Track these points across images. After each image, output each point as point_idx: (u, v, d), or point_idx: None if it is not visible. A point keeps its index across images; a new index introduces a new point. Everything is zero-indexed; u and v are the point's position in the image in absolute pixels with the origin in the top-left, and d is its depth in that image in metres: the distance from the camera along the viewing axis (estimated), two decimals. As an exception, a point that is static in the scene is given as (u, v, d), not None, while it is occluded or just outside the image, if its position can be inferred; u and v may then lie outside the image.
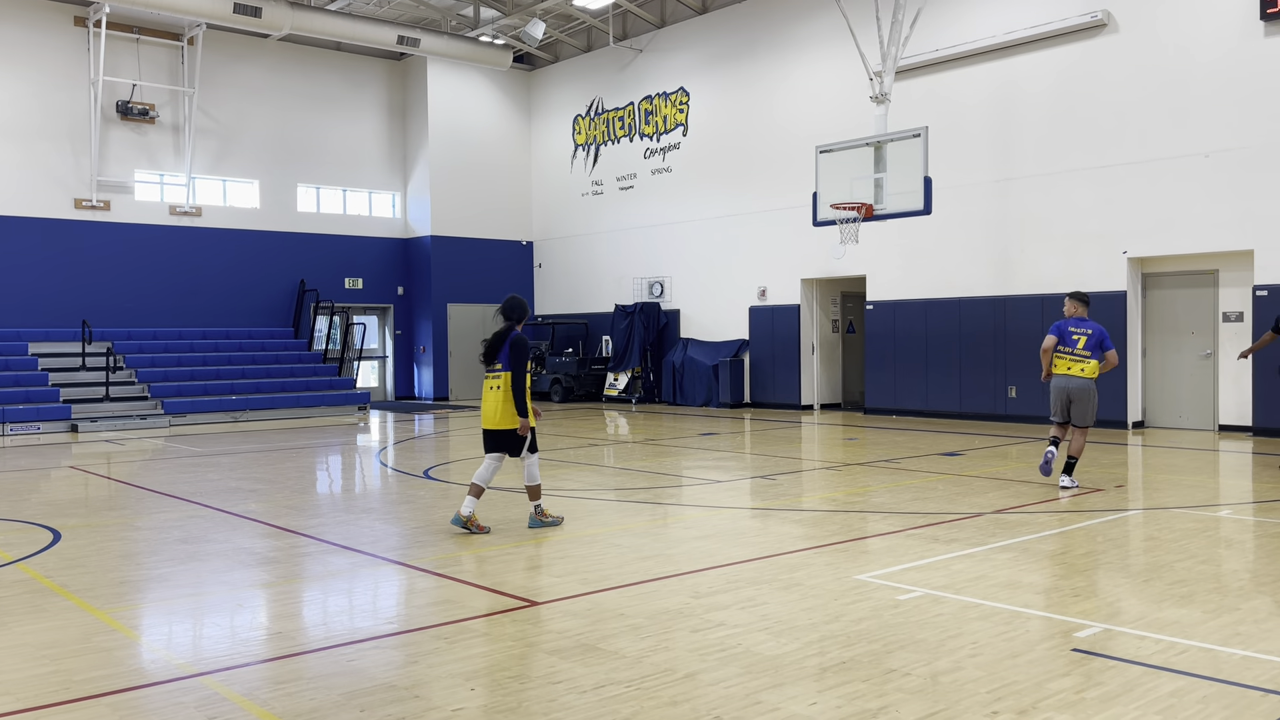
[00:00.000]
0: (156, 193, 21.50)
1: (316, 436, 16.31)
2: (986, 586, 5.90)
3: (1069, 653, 4.66)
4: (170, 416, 18.54)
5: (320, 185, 23.71)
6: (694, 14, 21.53)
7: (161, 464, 13.00)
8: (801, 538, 7.50)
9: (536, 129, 25.65)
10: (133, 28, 20.87)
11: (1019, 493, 9.35)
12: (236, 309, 22.31)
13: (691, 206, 21.66)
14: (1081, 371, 9.36)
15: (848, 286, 19.89)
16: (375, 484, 11.35)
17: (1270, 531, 7.55)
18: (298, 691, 4.32)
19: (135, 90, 20.91)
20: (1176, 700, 4.05)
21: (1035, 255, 16.07)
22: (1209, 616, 5.23)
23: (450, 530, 7.93)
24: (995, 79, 16.47)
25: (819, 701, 4.10)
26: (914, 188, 14.05)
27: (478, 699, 4.20)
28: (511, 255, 25.53)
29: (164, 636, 5.30)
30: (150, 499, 9.87)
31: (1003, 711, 3.96)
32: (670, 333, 22.16)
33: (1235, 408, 14.20)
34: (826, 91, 18.82)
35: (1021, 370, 16.19)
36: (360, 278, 24.18)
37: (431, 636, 5.10)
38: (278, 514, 8.87)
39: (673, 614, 5.42)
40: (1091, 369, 9.32)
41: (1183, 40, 14.39)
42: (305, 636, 5.23)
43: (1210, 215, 14.17)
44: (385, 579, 6.54)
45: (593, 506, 9.08)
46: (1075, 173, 15.56)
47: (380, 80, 24.49)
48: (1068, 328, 9.52)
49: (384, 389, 25.14)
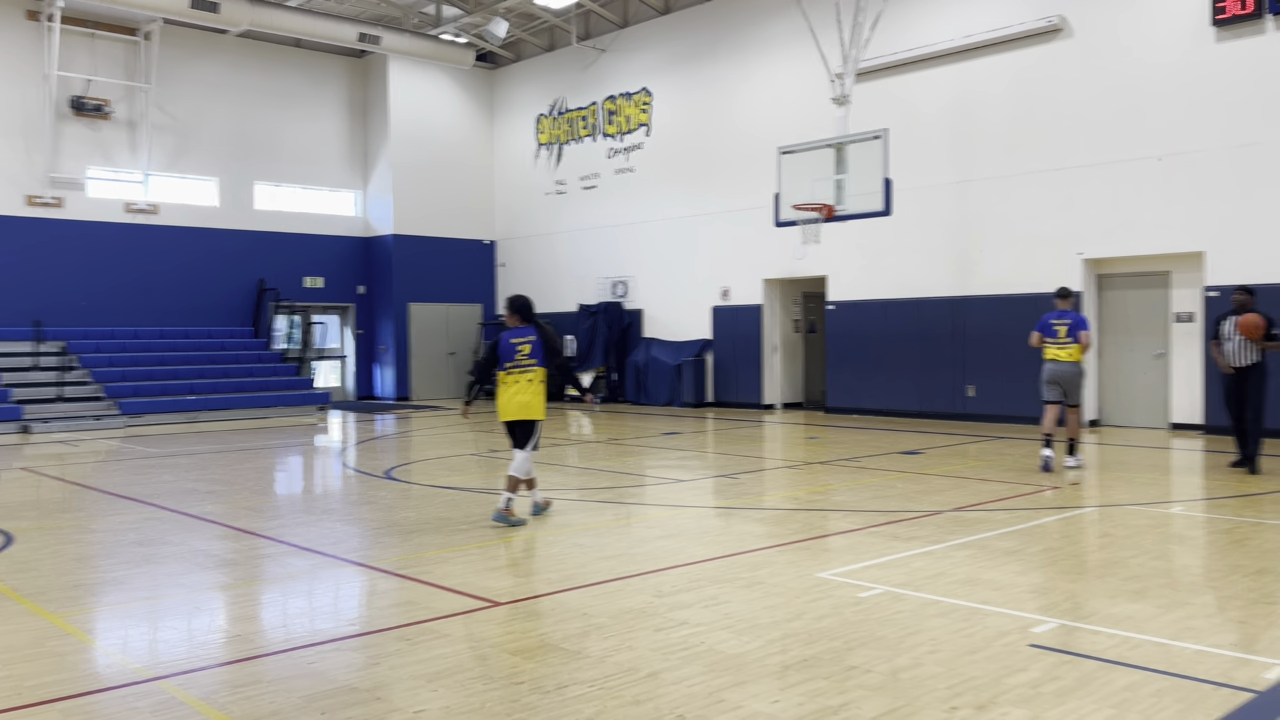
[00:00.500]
0: (111, 190, 21.13)
1: (276, 437, 16.13)
2: (945, 583, 5.97)
3: (1026, 648, 4.73)
4: (126, 417, 18.24)
5: (280, 183, 23.44)
6: (656, 14, 21.56)
7: (117, 465, 12.79)
8: (764, 536, 7.54)
9: (499, 128, 25.55)
10: (87, 22, 20.50)
11: (977, 491, 9.48)
12: (194, 308, 21.99)
13: (655, 206, 21.69)
14: (1068, 356, 10.67)
15: (809, 287, 20.02)
16: (336, 485, 11.24)
17: (1220, 528, 7.72)
18: (257, 695, 4.28)
19: (90, 86, 20.55)
20: (1131, 694, 4.13)
21: (993, 256, 16.28)
22: (1162, 611, 5.34)
23: (411, 530, 7.88)
24: (954, 82, 16.67)
25: (781, 699, 4.13)
26: (874, 189, 14.17)
27: (440, 700, 4.18)
28: (474, 254, 25.41)
29: (119, 640, 5.22)
30: (105, 501, 9.71)
31: (962, 707, 4.02)
32: (634, 332, 22.17)
33: (1187, 406, 14.48)
34: (788, 93, 18.93)
35: (980, 370, 16.40)
36: (320, 277, 23.93)
37: (393, 638, 5.07)
38: (236, 516, 8.76)
39: (636, 613, 5.43)
40: (1075, 353, 10.65)
41: (1136, 45, 14.65)
42: (264, 639, 5.17)
43: (1163, 217, 14.44)
44: (346, 580, 6.49)
45: (556, 506, 9.06)
46: (1032, 175, 15.78)
47: (341, 78, 24.26)
48: (1049, 320, 10.84)
49: (344, 389, 24.91)
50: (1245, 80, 13.64)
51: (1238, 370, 10.35)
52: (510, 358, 8.18)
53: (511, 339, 8.21)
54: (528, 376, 8.15)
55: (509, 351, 8.20)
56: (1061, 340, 10.64)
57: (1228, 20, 13.66)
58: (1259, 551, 6.74)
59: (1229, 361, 10.39)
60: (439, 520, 8.34)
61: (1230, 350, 10.41)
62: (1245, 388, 10.33)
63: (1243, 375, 10.36)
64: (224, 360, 21.08)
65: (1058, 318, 10.76)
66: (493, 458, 12.86)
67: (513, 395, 8.18)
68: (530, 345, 8.16)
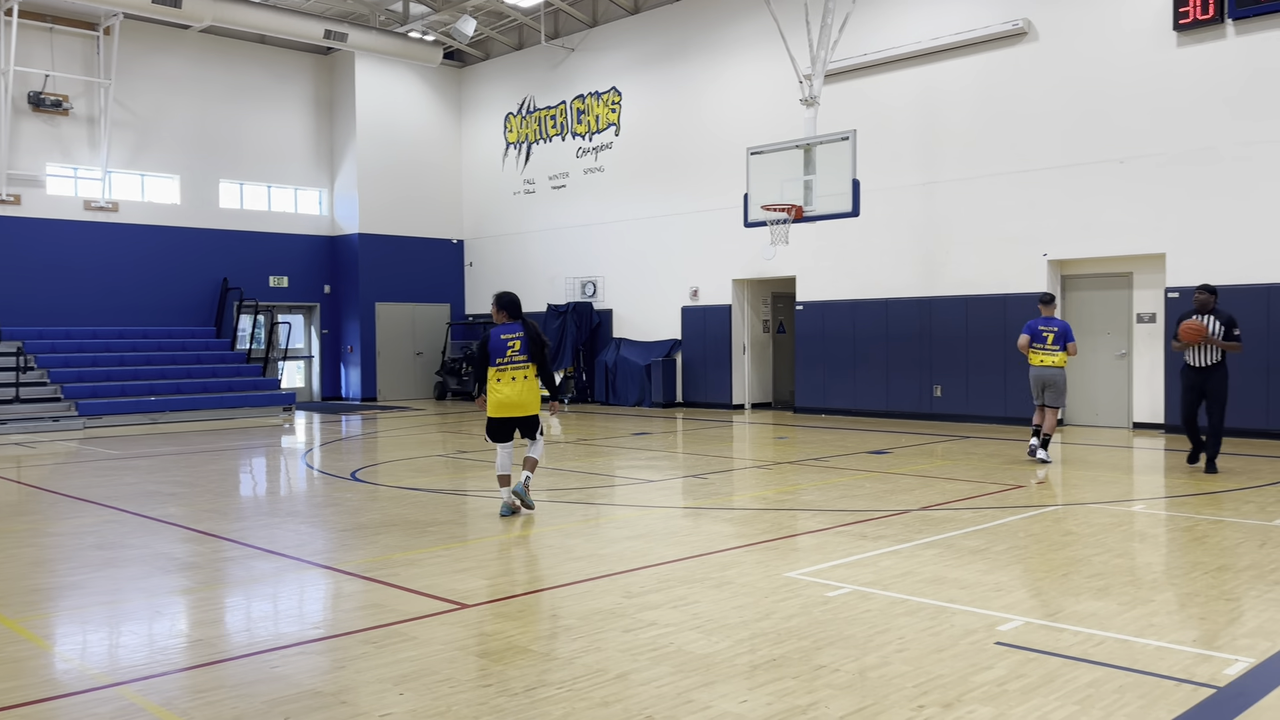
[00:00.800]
0: (70, 187, 20.79)
1: (240, 438, 15.94)
2: (913, 582, 6.00)
3: (992, 646, 4.77)
4: (85, 418, 17.94)
5: (244, 181, 23.17)
6: (626, 14, 21.54)
7: (76, 467, 12.57)
8: (732, 536, 7.55)
9: (467, 127, 25.42)
10: (46, 17, 20.15)
11: (944, 490, 9.55)
12: (156, 308, 21.67)
13: (624, 206, 21.68)
14: (1053, 362, 11.31)
15: (778, 287, 20.10)
16: (301, 487, 11.12)
17: (1181, 526, 7.83)
18: (219, 700, 4.21)
19: (48, 81, 20.20)
20: (1094, 690, 4.17)
21: (959, 257, 16.42)
22: (1124, 608, 5.40)
23: (378, 532, 7.82)
24: (921, 84, 16.79)
25: (749, 699, 4.12)
26: (843, 190, 14.26)
27: (406, 703, 4.13)
28: (442, 254, 25.26)
29: (78, 646, 5.12)
30: (64, 503, 9.54)
31: (928, 705, 4.03)
32: (603, 332, 22.14)
33: (1148, 406, 14.68)
34: (757, 93, 18.99)
35: (947, 370, 16.54)
36: (285, 276, 23.69)
37: (359, 641, 5.01)
38: (199, 518, 8.64)
39: (604, 614, 5.41)
40: (1060, 359, 11.30)
41: (1099, 49, 14.83)
42: (227, 643, 5.10)
43: (1125, 219, 14.63)
44: (311, 583, 6.42)
45: (523, 512, 9.01)
46: (998, 177, 15.94)
47: (307, 75, 24.02)
48: (1038, 326, 11.43)
49: (310, 389, 24.67)
50: (1205, 84, 13.85)
51: (1200, 370, 10.35)
52: (502, 354, 8.24)
53: (502, 335, 8.26)
54: (522, 373, 8.28)
55: (500, 348, 8.25)
56: (1049, 347, 11.29)
57: (1189, 25, 13.86)
58: (1218, 549, 6.84)
59: (1190, 360, 10.41)
60: (406, 522, 8.27)
61: (1191, 351, 10.42)
62: (1207, 387, 10.34)
63: (1205, 375, 10.36)
64: (186, 360, 20.80)
65: (1045, 324, 11.37)
66: (460, 459, 12.79)
67: (508, 392, 8.28)
68: (520, 341, 8.23)
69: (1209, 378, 10.33)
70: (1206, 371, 10.34)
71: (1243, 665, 4.46)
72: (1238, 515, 8.06)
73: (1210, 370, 10.33)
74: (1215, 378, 10.31)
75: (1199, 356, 10.32)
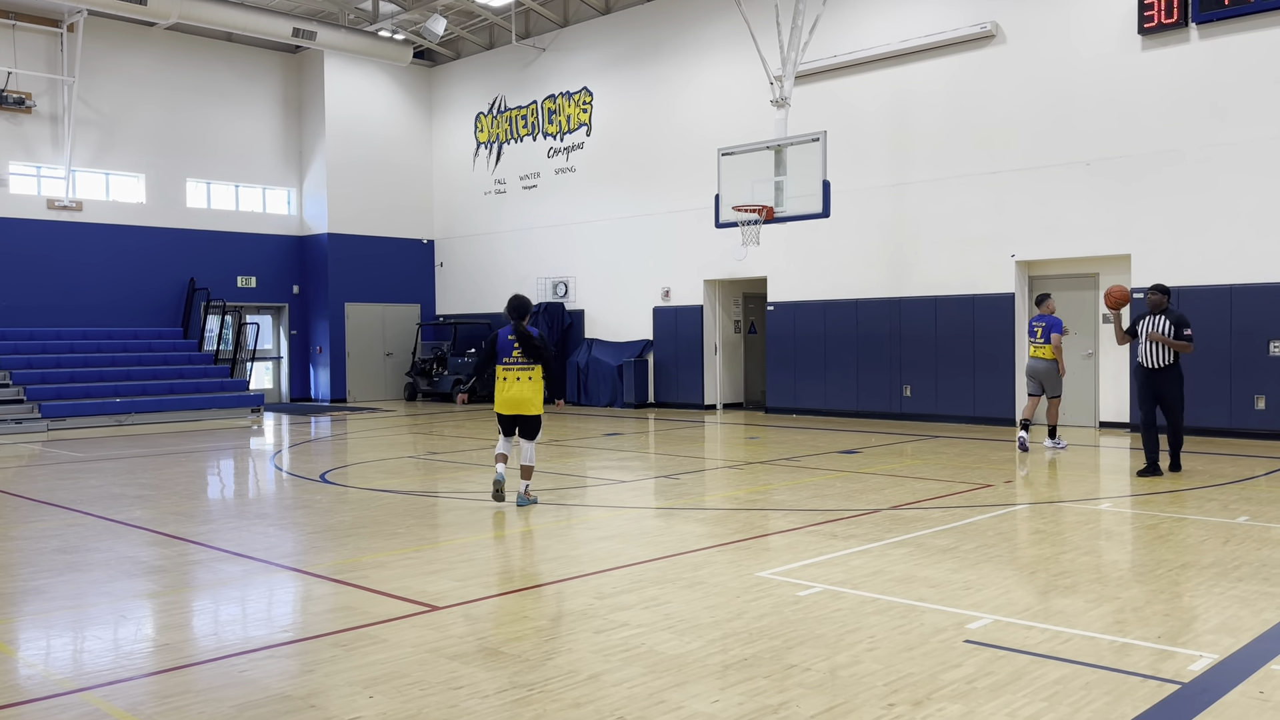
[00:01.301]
0: (33, 185, 20.47)
1: (207, 440, 15.76)
2: (883, 581, 6.04)
3: (962, 644, 4.80)
4: (48, 420, 17.67)
5: (211, 180, 22.92)
6: (597, 14, 21.53)
7: (38, 470, 12.38)
8: (704, 536, 7.56)
9: (438, 126, 25.30)
10: (8, 13, 19.83)
11: (914, 489, 9.62)
12: (121, 308, 21.39)
13: (595, 207, 21.66)
14: (1041, 355, 12.44)
15: (749, 288, 20.16)
16: (269, 488, 11.02)
17: (1146, 524, 7.93)
18: (186, 705, 4.16)
19: (10, 79, 19.88)
20: (1062, 687, 4.21)
21: (928, 258, 16.55)
22: (1091, 606, 5.46)
23: (348, 534, 7.76)
24: (891, 86, 16.91)
25: (721, 699, 4.13)
26: (813, 191, 14.33)
27: (376, 706, 4.10)
28: (412, 254, 25.12)
29: (41, 651, 5.04)
30: (26, 507, 9.39)
31: (899, 703, 4.06)
32: (575, 333, 22.11)
33: (1114, 405, 14.86)
34: (728, 94, 19.04)
35: (916, 370, 16.66)
36: (254, 276, 23.46)
37: (329, 644, 4.97)
38: (165, 521, 8.53)
39: (576, 615, 5.40)
40: (1047, 351, 12.38)
41: (1066, 52, 15.00)
42: (194, 648, 5.04)
43: (1092, 221, 14.81)
44: (280, 586, 6.35)
45: (495, 508, 8.98)
46: (966, 178, 16.07)
47: (275, 73, 23.80)
48: (1032, 323, 12.61)
49: (279, 391, 24.45)
50: (1170, 88, 14.05)
51: (1152, 371, 10.10)
52: (508, 354, 8.69)
53: (509, 335, 8.68)
54: (527, 373, 8.69)
55: (506, 348, 8.70)
56: (1038, 341, 12.46)
57: (1154, 29, 14.05)
58: (1182, 546, 6.93)
59: (1142, 361, 10.14)
60: (376, 524, 8.22)
61: (1144, 352, 10.18)
62: (1161, 390, 10.11)
63: (1157, 377, 10.11)
64: (152, 362, 20.54)
65: (1037, 320, 12.55)
66: (430, 460, 12.72)
67: (510, 390, 8.70)
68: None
69: (1162, 380, 10.09)
70: (1159, 373, 10.09)
71: (1207, 661, 4.52)
72: (1201, 513, 8.18)
73: (1163, 372, 10.07)
74: (1168, 380, 10.07)
75: (1151, 357, 10.06)
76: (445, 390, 23.36)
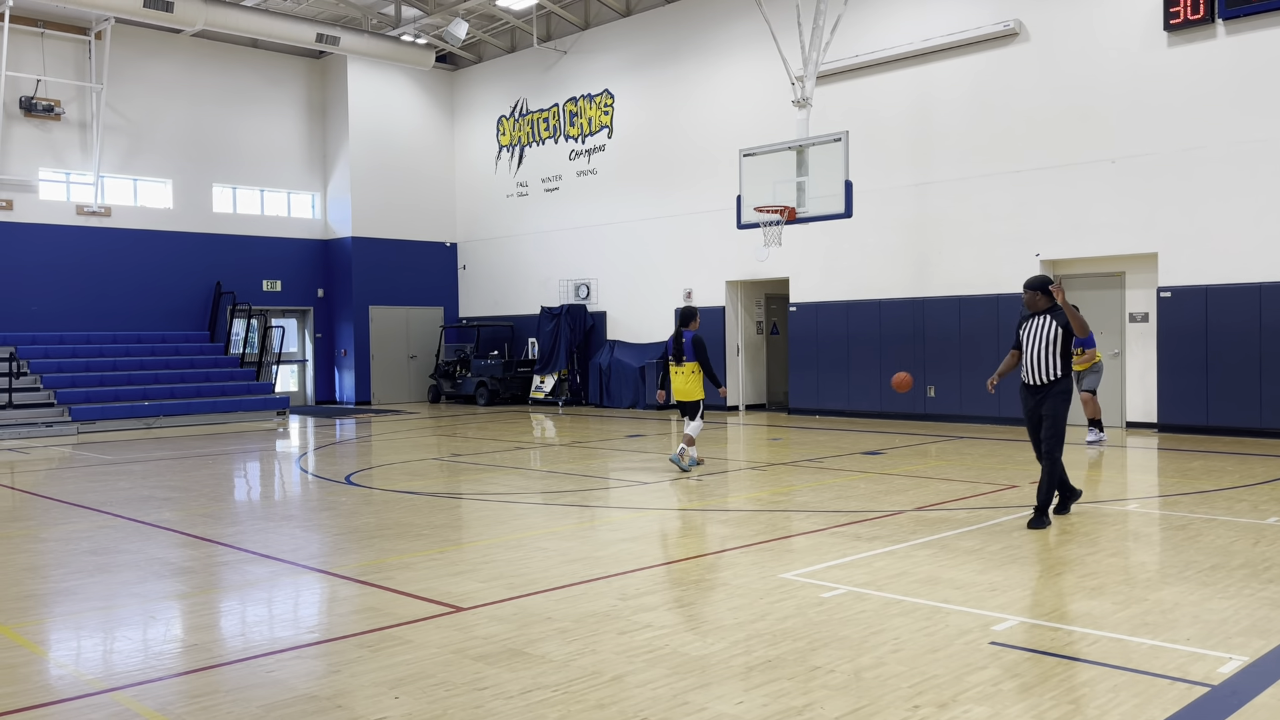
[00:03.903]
0: (62, 192, 20.74)
1: (234, 442, 15.91)
2: (907, 583, 6.01)
3: (987, 646, 4.78)
4: (78, 424, 17.89)
5: (237, 185, 23.14)
6: (618, 16, 21.55)
7: (69, 473, 12.54)
8: (727, 538, 7.55)
9: (460, 130, 25.41)
10: (37, 21, 20.10)
11: (938, 490, 9.56)
12: (149, 312, 21.63)
13: (617, 208, 21.68)
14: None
15: (771, 288, 20.12)
16: (295, 490, 11.11)
17: (1175, 525, 7.85)
18: (214, 705, 4.21)
19: (40, 86, 20.15)
20: (1089, 689, 4.18)
21: (952, 257, 16.46)
22: (1118, 608, 5.41)
23: (373, 535, 7.81)
24: (913, 85, 16.82)
25: (745, 700, 4.13)
26: (835, 191, 14.28)
27: (402, 707, 4.13)
28: (435, 257, 25.25)
29: (72, 652, 5.11)
30: (57, 509, 9.51)
31: (924, 705, 4.04)
32: (597, 334, 22.14)
33: (1142, 405, 14.72)
34: (749, 95, 19.01)
35: (940, 370, 16.56)
36: (279, 280, 23.65)
37: (354, 645, 5.01)
38: (193, 523, 8.62)
39: (600, 616, 5.41)
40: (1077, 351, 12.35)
41: (1090, 50, 14.88)
42: (222, 648, 5.09)
43: (1117, 219, 14.67)
44: (306, 587, 6.41)
45: (519, 510, 9.02)
46: (990, 177, 15.97)
47: (299, 79, 23.99)
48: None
49: (304, 393, 24.63)
50: (1197, 84, 13.90)
51: (1034, 389, 7.76)
52: (673, 354, 11.24)
53: (680, 340, 11.20)
54: (689, 368, 11.16)
55: (676, 349, 11.22)
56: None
57: (1180, 25, 13.91)
58: (1212, 548, 6.86)
59: (1024, 376, 7.86)
60: (401, 525, 8.27)
61: (1025, 365, 7.84)
62: (1040, 411, 7.74)
63: (1039, 395, 7.74)
64: (179, 365, 20.75)
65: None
66: (454, 462, 12.78)
67: (678, 382, 11.22)
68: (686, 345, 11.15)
69: (1043, 398, 7.69)
70: (1042, 390, 7.71)
71: (1236, 664, 4.47)
72: (1231, 514, 8.09)
73: (1046, 389, 7.68)
74: (1050, 397, 7.65)
75: (1033, 371, 7.73)
76: (468, 392, 23.46)
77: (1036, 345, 7.71)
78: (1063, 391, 7.65)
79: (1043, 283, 7.78)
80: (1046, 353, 7.65)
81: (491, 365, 23.05)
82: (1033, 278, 7.89)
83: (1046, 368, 7.65)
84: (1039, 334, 7.73)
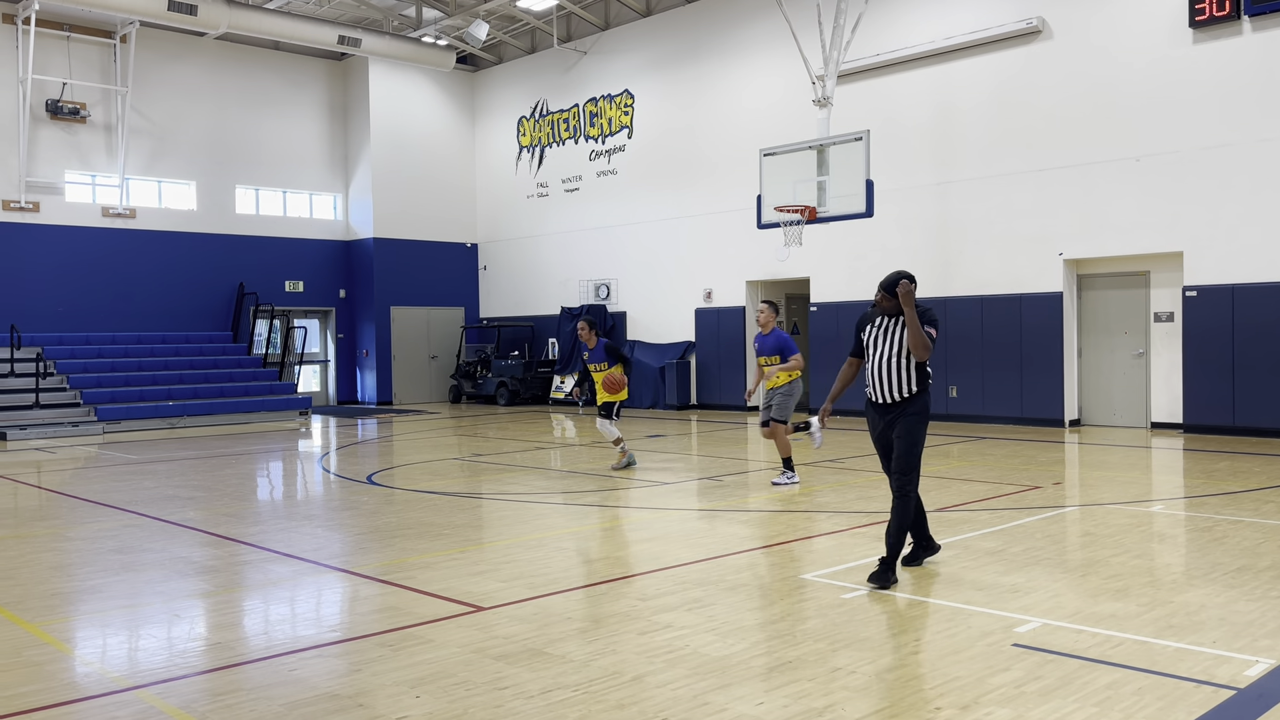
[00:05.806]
0: (88, 194, 20.96)
1: (257, 442, 16.02)
2: (929, 584, 5.98)
3: (1009, 648, 4.74)
4: (104, 423, 18.07)
5: (259, 187, 23.31)
6: (638, 16, 21.56)
7: (94, 472, 12.66)
8: (748, 538, 7.53)
9: (480, 131, 25.49)
10: (63, 25, 20.33)
11: (960, 491, 9.51)
12: (173, 313, 21.82)
13: (637, 209, 21.69)
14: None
15: (792, 288, 20.06)
16: (317, 490, 11.17)
17: (1200, 526, 7.77)
18: (237, 703, 4.24)
19: (66, 89, 20.37)
20: (1113, 692, 4.14)
21: (974, 257, 16.35)
22: (1143, 610, 5.36)
23: (394, 535, 7.85)
24: (935, 84, 16.73)
25: (766, 701, 4.12)
26: (856, 190, 14.22)
27: (423, 706, 4.15)
28: (456, 257, 25.34)
29: (98, 649, 5.16)
30: (83, 508, 9.61)
31: (945, 707, 4.02)
32: (617, 335, 22.15)
33: (1167, 405, 14.58)
34: (770, 94, 18.97)
35: (962, 370, 16.46)
36: (301, 280, 23.81)
37: (376, 644, 5.03)
38: (216, 522, 8.69)
39: (620, 617, 5.41)
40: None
41: (1114, 47, 14.75)
42: (245, 646, 5.13)
43: (1141, 218, 14.54)
44: (328, 586, 6.44)
45: (539, 510, 9.04)
46: (1012, 176, 15.86)
47: (321, 80, 24.15)
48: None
49: (326, 393, 24.78)
50: (1222, 81, 13.76)
51: (882, 408, 6.24)
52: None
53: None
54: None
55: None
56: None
57: (1205, 21, 13.77)
58: (1238, 550, 6.78)
59: (870, 394, 6.29)
60: (422, 525, 8.30)
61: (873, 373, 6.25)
62: (890, 434, 6.21)
63: (890, 417, 6.20)
64: (203, 365, 20.93)
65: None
66: (475, 462, 12.82)
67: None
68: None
69: (895, 419, 6.18)
70: (893, 410, 6.20)
71: (1263, 666, 4.42)
72: (1258, 515, 8.00)
73: (898, 407, 6.19)
74: (904, 418, 6.16)
75: (879, 387, 6.21)
76: (489, 392, 23.53)
77: (884, 354, 6.19)
78: (918, 411, 6.16)
79: (893, 282, 6.26)
80: (895, 363, 6.16)
81: (512, 365, 23.11)
82: (888, 275, 6.39)
83: (896, 382, 6.15)
84: (888, 340, 6.22)
